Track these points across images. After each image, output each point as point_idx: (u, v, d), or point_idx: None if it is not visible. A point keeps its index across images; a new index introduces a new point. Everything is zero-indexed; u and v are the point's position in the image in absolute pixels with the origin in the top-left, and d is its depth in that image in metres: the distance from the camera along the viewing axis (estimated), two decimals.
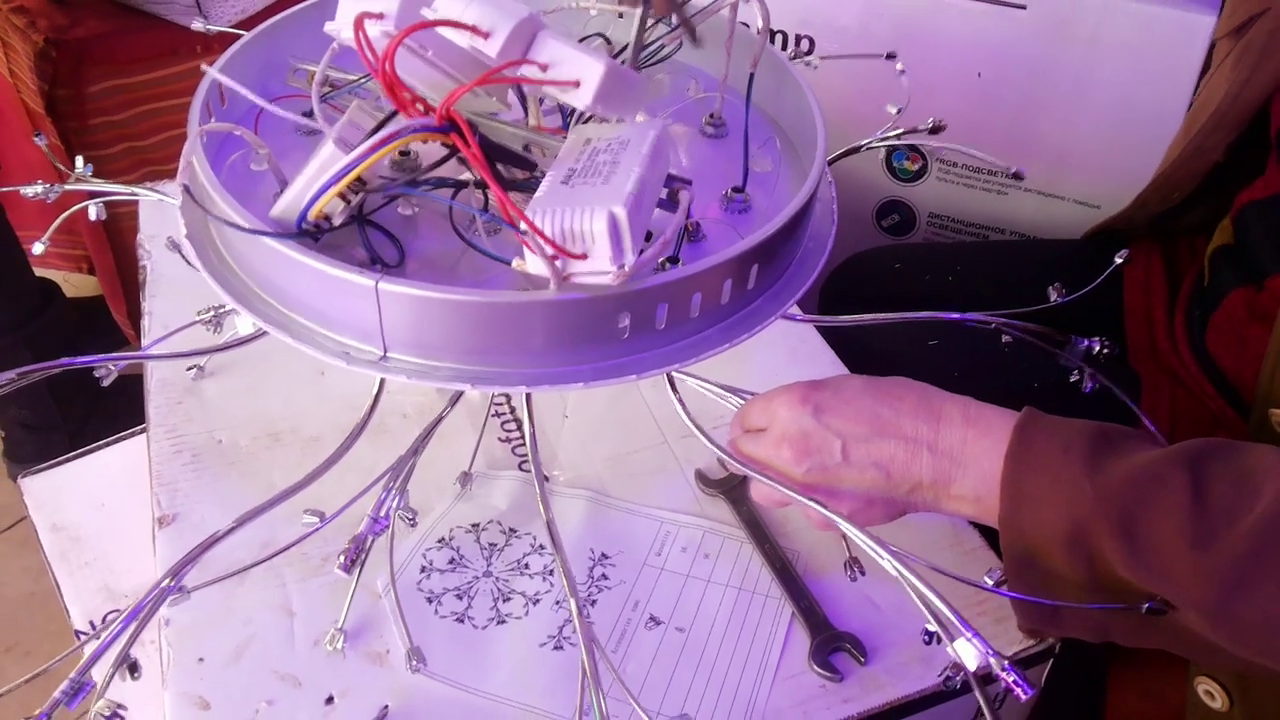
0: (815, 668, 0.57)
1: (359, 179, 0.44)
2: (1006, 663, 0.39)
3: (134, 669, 0.40)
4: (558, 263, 0.40)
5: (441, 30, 0.44)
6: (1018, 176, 0.72)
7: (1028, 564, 0.49)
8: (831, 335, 0.79)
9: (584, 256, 0.40)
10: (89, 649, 0.41)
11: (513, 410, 0.74)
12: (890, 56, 0.75)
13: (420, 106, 0.43)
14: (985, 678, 0.40)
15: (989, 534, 0.65)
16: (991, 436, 0.49)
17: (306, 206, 0.43)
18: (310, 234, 0.45)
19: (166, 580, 0.43)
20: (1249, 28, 0.67)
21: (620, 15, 0.66)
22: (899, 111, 0.69)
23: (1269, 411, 0.56)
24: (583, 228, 0.39)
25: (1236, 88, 0.68)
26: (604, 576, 0.63)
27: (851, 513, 0.52)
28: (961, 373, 0.74)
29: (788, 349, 0.77)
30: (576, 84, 0.44)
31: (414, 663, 0.56)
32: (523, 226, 0.39)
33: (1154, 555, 0.44)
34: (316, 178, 0.44)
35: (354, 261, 0.45)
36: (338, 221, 0.45)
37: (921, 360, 0.78)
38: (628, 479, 0.69)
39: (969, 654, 0.40)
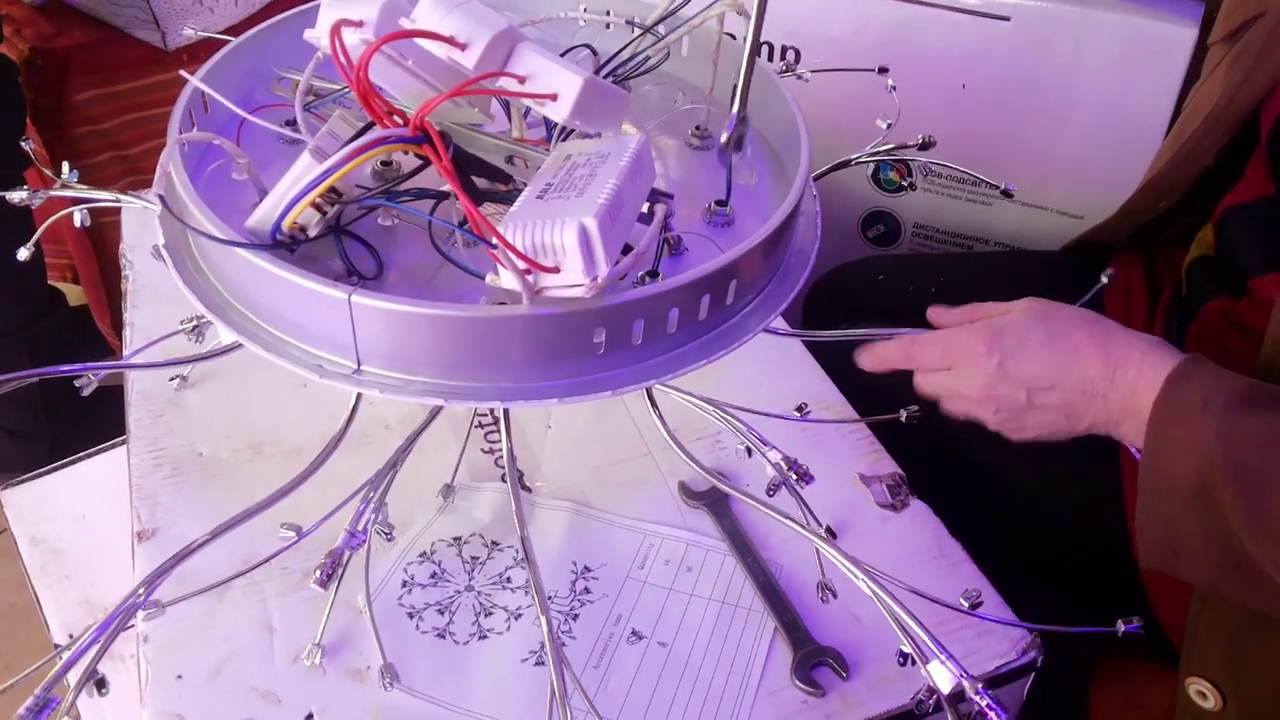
0: (797, 683, 0.57)
1: (334, 190, 0.44)
2: (980, 686, 0.39)
3: (101, 685, 0.40)
4: (530, 277, 0.40)
5: (420, 41, 0.44)
6: (1007, 194, 0.72)
7: (1159, 509, 0.51)
8: (815, 347, 0.79)
9: (556, 270, 0.39)
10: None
11: (496, 421, 0.74)
12: (882, 71, 0.75)
13: (398, 118, 0.43)
14: (959, 696, 0.40)
15: (971, 546, 0.65)
16: (1156, 384, 0.52)
17: (279, 218, 0.43)
18: (285, 245, 0.44)
19: (138, 594, 0.43)
20: (1244, 32, 0.67)
21: (608, 26, 0.66)
22: (889, 126, 0.69)
23: None
24: (553, 240, 0.38)
25: (1231, 90, 0.68)
26: (586, 590, 0.62)
27: (1036, 436, 0.58)
28: None
29: (773, 361, 0.77)
30: (554, 97, 0.44)
31: (387, 680, 0.56)
32: (493, 240, 0.39)
33: (1274, 513, 0.44)
34: (290, 188, 0.43)
35: (331, 273, 0.45)
36: (313, 233, 0.45)
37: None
38: (611, 490, 0.69)
39: (943, 677, 0.39)
